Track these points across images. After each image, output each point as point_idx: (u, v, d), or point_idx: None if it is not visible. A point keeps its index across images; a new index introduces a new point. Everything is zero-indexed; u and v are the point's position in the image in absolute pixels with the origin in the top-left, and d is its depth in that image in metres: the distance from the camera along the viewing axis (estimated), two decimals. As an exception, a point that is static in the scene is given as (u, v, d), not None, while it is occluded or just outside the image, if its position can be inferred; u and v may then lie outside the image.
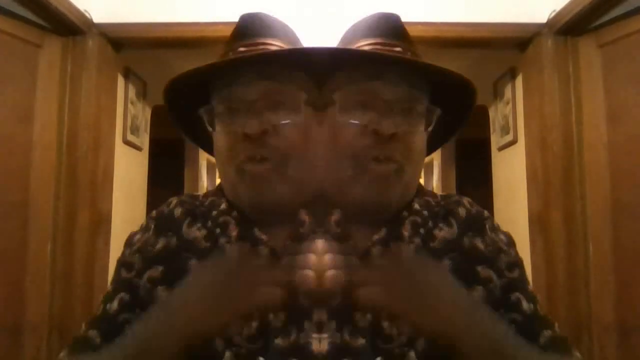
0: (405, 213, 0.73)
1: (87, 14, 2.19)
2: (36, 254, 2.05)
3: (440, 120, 0.75)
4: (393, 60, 0.69)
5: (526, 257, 2.30)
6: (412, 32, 0.77)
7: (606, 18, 2.05)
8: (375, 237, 0.69)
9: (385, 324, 0.63)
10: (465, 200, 0.80)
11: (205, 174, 4.54)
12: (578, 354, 0.73)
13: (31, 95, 2.08)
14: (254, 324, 0.63)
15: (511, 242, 0.79)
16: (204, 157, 4.49)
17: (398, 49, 0.71)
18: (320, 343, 0.62)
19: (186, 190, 4.28)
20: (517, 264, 0.76)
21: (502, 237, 0.78)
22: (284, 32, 0.75)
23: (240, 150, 0.67)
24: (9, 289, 1.97)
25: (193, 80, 0.73)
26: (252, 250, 0.68)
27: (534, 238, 2.27)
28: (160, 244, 0.73)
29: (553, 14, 2.17)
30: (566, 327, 2.07)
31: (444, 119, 0.75)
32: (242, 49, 0.71)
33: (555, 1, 2.14)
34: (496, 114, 2.92)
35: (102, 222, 2.24)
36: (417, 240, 0.71)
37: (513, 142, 2.62)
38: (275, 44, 0.71)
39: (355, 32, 0.75)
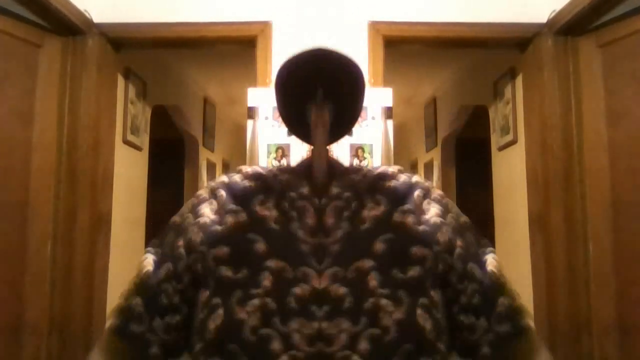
0: (324, 200, 0.72)
1: (87, 14, 2.19)
2: (36, 254, 2.05)
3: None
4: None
5: (526, 257, 2.31)
6: (412, 32, 0.78)
7: (606, 18, 2.05)
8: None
9: (324, 324, 0.63)
10: (392, 170, 0.77)
11: (205, 174, 4.54)
12: (531, 324, 0.73)
13: (31, 95, 2.08)
14: (316, 325, 0.63)
15: (447, 209, 0.75)
16: (204, 157, 4.48)
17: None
18: None
19: (186, 190, 4.27)
20: (460, 230, 0.74)
21: (435, 205, 0.74)
22: None
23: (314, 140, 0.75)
24: (9, 289, 1.97)
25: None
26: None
27: (534, 238, 2.27)
28: (229, 221, 0.70)
29: (553, 14, 2.17)
30: (566, 327, 2.07)
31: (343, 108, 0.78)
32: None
33: (555, 1, 2.14)
34: (496, 114, 2.92)
35: (102, 222, 2.24)
36: (344, 225, 0.70)
37: (513, 142, 2.62)
38: None
39: None
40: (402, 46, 2.37)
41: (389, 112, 2.29)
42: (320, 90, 0.72)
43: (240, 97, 3.23)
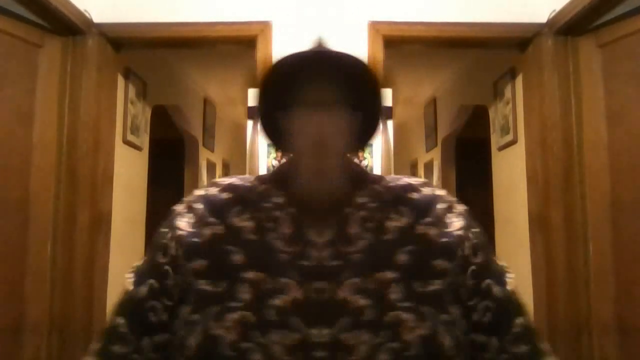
0: (348, 209, 0.71)
1: (87, 14, 2.19)
2: (36, 254, 2.05)
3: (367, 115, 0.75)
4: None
5: (526, 257, 2.31)
6: (412, 32, 0.77)
7: (606, 18, 2.05)
8: (322, 239, 0.68)
9: (344, 335, 0.62)
10: (415, 182, 0.76)
11: (205, 174, 4.54)
12: (547, 347, 0.72)
13: (31, 95, 2.08)
14: (297, 335, 0.62)
15: (470, 223, 0.74)
16: (204, 157, 4.49)
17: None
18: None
19: (186, 190, 4.27)
20: (480, 246, 0.73)
21: (458, 219, 0.73)
22: None
23: (306, 149, 0.70)
24: (9, 289, 1.97)
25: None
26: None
27: (534, 238, 2.27)
28: (206, 233, 0.69)
29: (553, 14, 2.17)
30: (566, 327, 2.07)
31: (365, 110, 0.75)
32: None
33: (555, 1, 2.14)
34: (496, 114, 2.92)
35: (102, 222, 2.24)
36: (368, 235, 0.69)
37: (513, 142, 2.63)
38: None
39: None
40: (402, 46, 2.37)
41: (389, 112, 2.29)
42: (332, 92, 0.70)
43: (240, 97, 3.23)
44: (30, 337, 2.00)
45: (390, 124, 2.26)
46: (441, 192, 0.76)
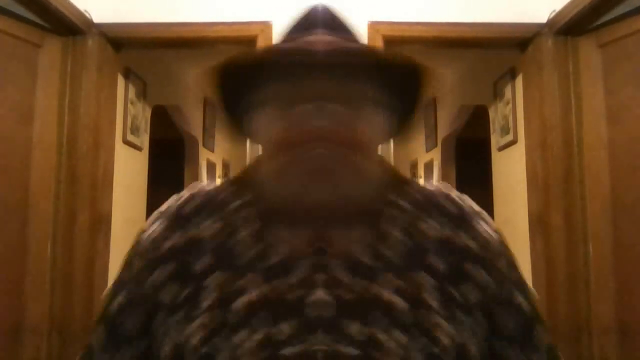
0: (390, 209, 0.69)
1: (87, 14, 2.19)
2: (36, 254, 2.05)
3: (399, 106, 0.73)
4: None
5: (526, 257, 2.31)
6: (412, 32, 0.77)
7: (606, 18, 2.05)
8: (361, 236, 0.67)
9: (380, 334, 0.61)
10: (450, 192, 0.76)
11: (205, 174, 4.54)
12: None
13: (31, 95, 2.08)
14: (261, 334, 0.61)
15: (503, 240, 0.74)
16: (204, 157, 4.49)
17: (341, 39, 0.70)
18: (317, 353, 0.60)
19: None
20: (514, 263, 0.73)
21: (493, 234, 0.73)
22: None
23: (298, 143, 0.64)
24: (9, 289, 1.97)
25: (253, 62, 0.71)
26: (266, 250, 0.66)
27: (534, 238, 2.27)
28: (167, 244, 0.69)
29: (553, 14, 2.17)
30: (566, 327, 2.07)
31: (403, 104, 0.73)
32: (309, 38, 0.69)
33: (555, 1, 2.14)
34: (496, 114, 2.93)
35: (102, 222, 2.24)
36: (404, 238, 0.67)
37: (513, 142, 2.63)
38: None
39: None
40: (402, 46, 2.37)
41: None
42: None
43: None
44: (30, 337, 2.00)
45: (390, 124, 2.26)
46: (477, 207, 0.76)
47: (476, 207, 0.76)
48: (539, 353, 0.70)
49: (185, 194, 0.76)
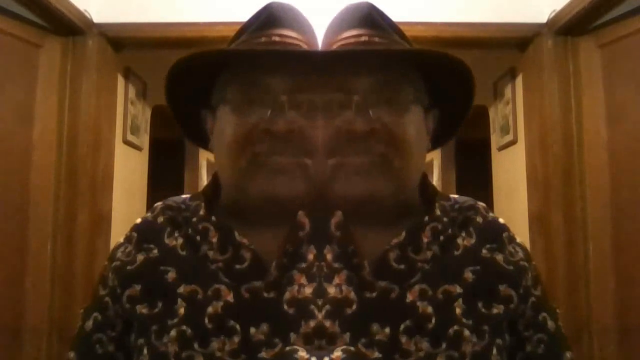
0: (426, 218, 0.69)
1: (87, 14, 2.19)
2: (36, 254, 2.05)
3: (444, 113, 0.73)
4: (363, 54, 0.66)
5: (526, 257, 2.30)
6: (412, 32, 0.76)
7: (606, 18, 2.05)
8: (395, 240, 0.66)
9: (404, 338, 0.61)
10: (481, 207, 0.76)
11: (205, 174, 4.54)
12: None
13: (31, 95, 2.09)
14: (237, 338, 0.61)
15: (529, 255, 0.76)
16: (204, 157, 4.49)
17: (365, 38, 0.68)
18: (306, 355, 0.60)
19: (186, 190, 4.27)
20: (539, 279, 0.75)
21: (520, 250, 0.74)
22: (308, 27, 0.73)
23: (259, 143, 0.64)
24: (9, 289, 1.97)
25: (204, 64, 0.71)
26: (236, 257, 0.65)
27: (534, 238, 2.27)
28: (140, 259, 0.70)
29: (553, 14, 2.17)
30: (566, 327, 2.06)
31: (447, 111, 0.74)
32: (276, 38, 0.68)
33: (555, 1, 2.14)
34: (496, 114, 2.93)
35: (102, 222, 2.24)
36: (436, 248, 0.67)
37: (513, 142, 2.63)
38: (299, 38, 0.69)
39: (331, 27, 0.73)
40: (402, 46, 2.37)
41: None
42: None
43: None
44: (30, 337, 2.00)
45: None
46: (503, 220, 0.77)
47: (504, 223, 0.76)
48: None
49: (156, 207, 0.77)
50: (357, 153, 0.63)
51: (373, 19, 0.70)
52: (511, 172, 2.65)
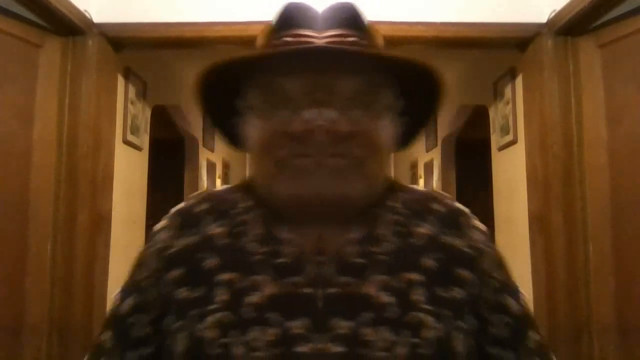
0: (377, 210, 0.72)
1: (87, 14, 2.19)
2: (36, 254, 2.05)
3: (411, 112, 0.74)
4: (348, 54, 0.67)
5: (526, 257, 2.31)
6: (412, 32, 0.76)
7: (606, 18, 2.05)
8: (354, 235, 0.69)
9: (365, 330, 0.63)
10: (440, 195, 0.78)
11: (205, 174, 4.54)
12: None
13: (31, 95, 2.09)
14: (275, 330, 0.63)
15: (489, 240, 0.76)
16: (204, 157, 4.49)
17: (352, 38, 0.69)
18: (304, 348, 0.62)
19: (186, 190, 4.27)
20: (501, 262, 0.75)
21: (480, 234, 0.75)
22: (324, 23, 0.73)
23: (282, 146, 0.65)
24: (9, 289, 1.97)
25: (231, 70, 0.71)
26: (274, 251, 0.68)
27: (534, 238, 2.27)
28: (181, 243, 0.71)
29: (553, 14, 2.17)
30: (566, 327, 2.07)
31: (414, 111, 0.74)
32: (288, 39, 0.69)
33: (555, 1, 2.14)
34: (496, 114, 2.93)
35: (102, 222, 2.24)
36: (395, 239, 0.70)
37: (513, 142, 2.63)
38: (314, 36, 0.69)
39: (316, 24, 0.72)
40: (402, 46, 2.37)
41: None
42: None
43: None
44: (30, 337, 2.00)
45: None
46: (461, 206, 0.78)
47: (465, 209, 0.78)
48: (532, 358, 0.71)
49: (195, 196, 0.79)
50: (335, 154, 0.65)
51: (357, 20, 0.72)
52: (511, 172, 2.65)
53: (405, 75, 0.71)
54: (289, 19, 0.71)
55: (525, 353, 0.71)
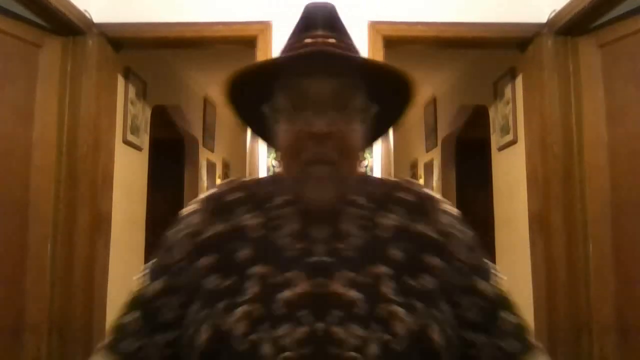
0: (340, 206, 0.71)
1: (87, 14, 2.19)
2: (36, 254, 2.05)
3: (380, 114, 0.75)
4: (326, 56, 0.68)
5: (526, 257, 2.31)
6: (412, 32, 0.77)
7: (606, 18, 2.05)
8: (318, 234, 0.69)
9: (335, 328, 0.62)
10: (408, 183, 0.78)
11: (205, 174, 4.54)
12: (538, 342, 0.73)
13: (31, 95, 2.08)
14: (305, 329, 0.62)
15: (459, 223, 0.75)
16: (204, 157, 4.48)
17: (331, 40, 0.70)
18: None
19: (186, 190, 4.27)
20: (471, 244, 0.74)
21: (449, 217, 0.74)
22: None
23: (304, 149, 0.67)
24: (9, 288, 1.97)
25: (257, 75, 0.73)
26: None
27: (534, 238, 2.27)
28: (214, 229, 0.71)
29: (553, 14, 2.17)
30: (566, 327, 2.07)
31: (383, 112, 0.75)
32: (308, 40, 0.70)
33: (555, 1, 2.14)
34: (496, 114, 2.92)
35: (102, 222, 2.24)
36: (360, 233, 0.69)
37: (513, 142, 2.63)
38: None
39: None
40: (402, 46, 2.37)
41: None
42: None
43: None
44: (30, 337, 2.00)
45: (390, 124, 2.26)
46: (429, 191, 0.78)
47: (436, 195, 0.77)
48: (507, 339, 0.70)
49: (226, 184, 0.78)
50: (312, 160, 0.67)
51: (336, 22, 0.73)
52: (511, 172, 2.65)
53: (379, 79, 0.72)
54: (308, 21, 0.73)
55: (499, 335, 0.70)
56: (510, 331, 0.70)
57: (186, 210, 0.76)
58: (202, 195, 0.77)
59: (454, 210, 0.76)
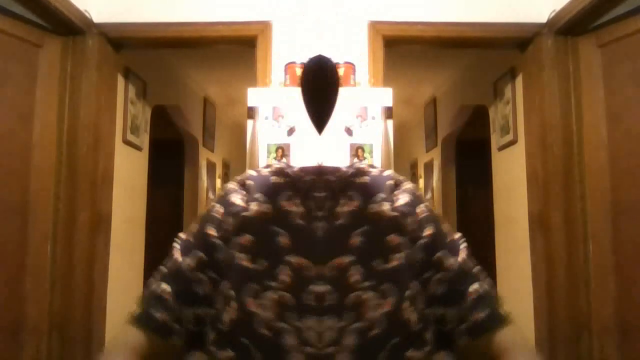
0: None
1: (87, 14, 2.19)
2: (36, 254, 2.05)
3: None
4: None
5: (526, 257, 2.30)
6: (412, 32, 0.78)
7: (606, 18, 2.05)
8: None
9: (314, 325, 0.63)
10: (365, 167, 0.79)
11: (205, 174, 4.54)
12: (507, 311, 0.73)
13: (31, 95, 2.08)
14: (330, 322, 0.64)
15: (417, 199, 0.76)
16: (204, 157, 4.48)
17: None
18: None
19: (186, 191, 4.27)
20: (429, 220, 0.74)
21: (406, 194, 0.75)
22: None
23: None
24: (9, 289, 1.97)
25: None
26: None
27: (534, 238, 2.27)
28: (255, 209, 0.71)
29: (553, 14, 2.17)
30: (566, 327, 2.07)
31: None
32: None
33: (555, 1, 2.14)
34: (496, 114, 2.92)
35: (102, 222, 2.24)
36: (321, 224, 0.70)
37: (513, 142, 2.62)
38: None
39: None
40: (402, 46, 2.37)
41: (389, 112, 2.29)
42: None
43: (240, 97, 3.23)
44: (30, 337, 2.00)
45: (390, 124, 2.26)
46: (389, 172, 0.79)
47: (393, 173, 0.78)
48: (476, 310, 0.70)
49: (266, 167, 0.79)
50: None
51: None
52: (511, 172, 2.65)
53: None
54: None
55: (466, 307, 0.70)
56: (477, 302, 0.71)
57: (229, 186, 0.77)
58: (246, 174, 0.78)
59: (411, 186, 0.77)
